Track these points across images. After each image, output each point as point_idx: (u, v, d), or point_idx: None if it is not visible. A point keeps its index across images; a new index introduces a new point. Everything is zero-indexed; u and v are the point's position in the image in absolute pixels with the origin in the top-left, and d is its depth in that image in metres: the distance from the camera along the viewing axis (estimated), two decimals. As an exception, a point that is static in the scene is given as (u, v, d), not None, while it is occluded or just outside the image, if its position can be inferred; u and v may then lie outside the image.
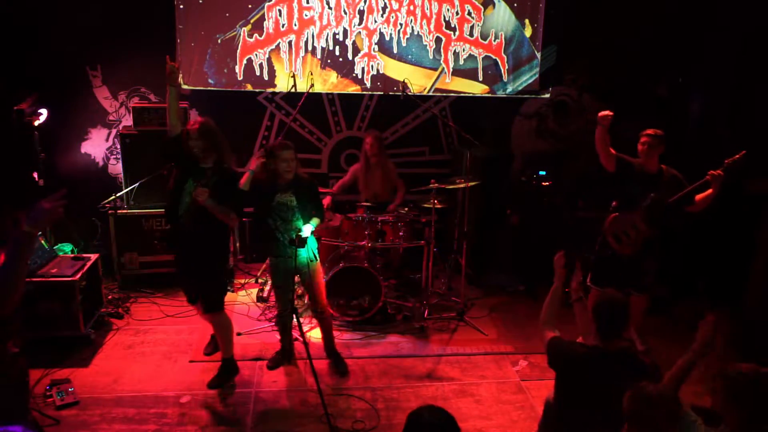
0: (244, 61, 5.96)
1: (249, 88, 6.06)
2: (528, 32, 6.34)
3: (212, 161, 3.87)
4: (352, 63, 6.13)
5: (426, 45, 6.18)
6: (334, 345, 4.57)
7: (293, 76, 5.59)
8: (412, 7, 6.06)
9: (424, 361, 4.67)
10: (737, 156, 4.02)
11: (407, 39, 6.13)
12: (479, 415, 4.02)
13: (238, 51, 5.92)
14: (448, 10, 6.13)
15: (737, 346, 4.81)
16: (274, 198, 4.11)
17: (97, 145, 6.05)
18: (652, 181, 4.21)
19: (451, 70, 6.29)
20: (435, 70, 6.27)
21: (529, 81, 6.48)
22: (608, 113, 4.11)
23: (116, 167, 6.02)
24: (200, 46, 5.84)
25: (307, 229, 4.02)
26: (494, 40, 6.29)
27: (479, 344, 4.93)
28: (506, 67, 6.38)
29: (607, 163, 4.25)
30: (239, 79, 5.99)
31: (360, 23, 6.03)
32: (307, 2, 5.91)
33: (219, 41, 5.86)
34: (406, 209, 5.60)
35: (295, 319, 4.06)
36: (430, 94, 6.38)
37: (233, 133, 6.20)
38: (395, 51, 6.15)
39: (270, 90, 6.15)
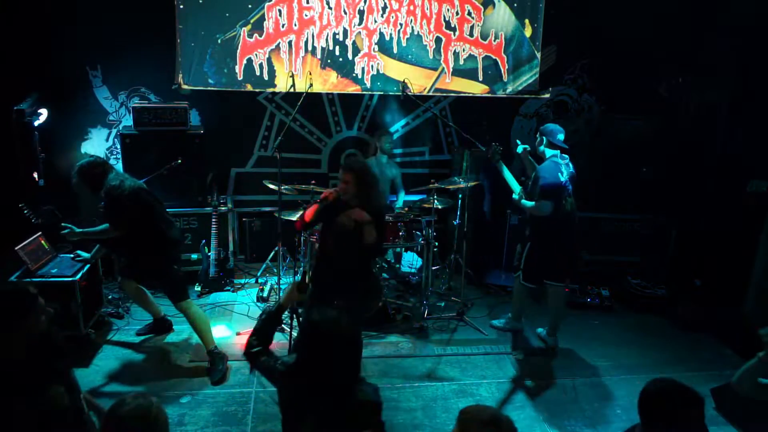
0: (244, 61, 5.95)
1: (249, 88, 6.05)
2: (528, 32, 6.33)
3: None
4: (352, 63, 6.12)
5: (426, 45, 6.18)
6: None
7: (292, 76, 5.58)
8: (412, 7, 6.05)
9: (424, 361, 4.67)
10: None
11: (407, 39, 6.12)
12: (479, 415, 4.02)
13: (238, 51, 5.91)
14: (448, 10, 6.12)
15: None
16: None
17: (97, 145, 6.05)
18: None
19: (451, 70, 6.28)
20: (435, 70, 6.26)
21: (529, 81, 6.47)
22: None
23: (116, 167, 6.01)
24: (200, 46, 5.82)
25: None
26: (494, 40, 6.28)
27: (479, 344, 4.94)
28: (506, 67, 6.38)
29: None
30: (239, 79, 5.98)
31: (360, 23, 6.02)
32: (307, 2, 5.91)
33: (219, 41, 5.85)
34: (407, 209, 5.60)
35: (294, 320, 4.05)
36: (430, 94, 6.38)
37: (233, 133, 6.25)
38: (395, 51, 6.14)
39: (270, 90, 6.14)
